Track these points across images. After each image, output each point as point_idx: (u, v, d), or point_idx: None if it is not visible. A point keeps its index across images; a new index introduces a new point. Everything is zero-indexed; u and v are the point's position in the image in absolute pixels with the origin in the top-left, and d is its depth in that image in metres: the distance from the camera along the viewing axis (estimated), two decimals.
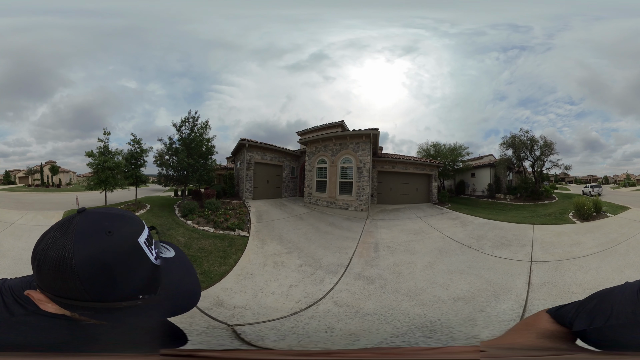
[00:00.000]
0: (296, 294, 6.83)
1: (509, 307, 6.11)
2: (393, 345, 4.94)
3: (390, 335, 5.25)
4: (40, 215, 12.30)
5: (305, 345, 5.03)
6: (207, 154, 15.95)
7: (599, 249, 8.90)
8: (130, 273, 0.93)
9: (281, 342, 5.06)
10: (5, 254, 8.28)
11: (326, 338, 5.21)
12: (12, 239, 9.41)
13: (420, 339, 5.15)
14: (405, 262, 8.59)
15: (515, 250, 9.34)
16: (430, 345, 4.89)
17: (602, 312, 1.12)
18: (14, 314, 1.02)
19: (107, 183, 12.92)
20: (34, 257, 0.93)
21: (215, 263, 8.26)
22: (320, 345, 5.03)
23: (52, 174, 24.35)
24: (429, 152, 22.02)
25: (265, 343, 5.02)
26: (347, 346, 4.96)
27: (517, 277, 7.47)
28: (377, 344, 5.02)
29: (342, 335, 5.26)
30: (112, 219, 0.97)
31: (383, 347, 4.56)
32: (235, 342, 5.04)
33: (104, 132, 13.45)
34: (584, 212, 12.62)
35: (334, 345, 5.02)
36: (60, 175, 24.59)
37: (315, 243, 10.28)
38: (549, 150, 18.83)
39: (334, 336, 5.25)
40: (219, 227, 11.29)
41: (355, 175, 15.26)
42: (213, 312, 5.95)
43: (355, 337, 5.21)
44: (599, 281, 6.93)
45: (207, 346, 4.79)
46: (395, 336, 5.20)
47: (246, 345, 4.95)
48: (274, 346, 4.96)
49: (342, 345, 4.98)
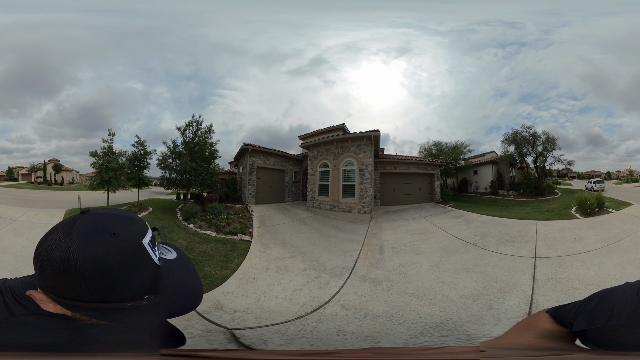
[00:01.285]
0: (301, 297, 6.80)
1: (516, 304, 6.10)
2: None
3: (408, 336, 5.21)
4: (42, 213, 12.40)
5: (318, 348, 5.00)
6: (210, 158, 16.00)
7: (601, 245, 8.90)
8: (134, 274, 0.93)
9: (289, 346, 5.02)
10: (7, 250, 8.34)
11: (339, 341, 5.18)
12: (14, 236, 9.48)
13: (440, 339, 5.12)
14: (411, 262, 8.57)
15: (519, 247, 9.33)
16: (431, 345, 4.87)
17: (603, 312, 1.12)
18: (14, 313, 1.02)
19: (109, 184, 13.01)
20: (37, 257, 0.92)
21: (216, 267, 8.23)
22: (330, 348, 5.00)
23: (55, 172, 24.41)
24: (431, 151, 21.99)
25: (269, 347, 4.98)
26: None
27: (522, 273, 7.47)
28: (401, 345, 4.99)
29: (356, 337, 5.22)
30: (116, 221, 0.97)
31: (383, 347, 4.53)
32: (231, 346, 5.00)
33: (109, 133, 13.62)
34: (587, 208, 12.65)
35: (350, 348, 4.99)
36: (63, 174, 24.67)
37: (319, 247, 10.26)
38: (552, 146, 18.85)
39: (347, 339, 5.21)
40: (221, 231, 11.28)
41: (358, 178, 15.24)
42: (212, 315, 5.90)
43: (373, 339, 5.17)
44: (600, 277, 6.93)
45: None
46: (415, 337, 5.16)
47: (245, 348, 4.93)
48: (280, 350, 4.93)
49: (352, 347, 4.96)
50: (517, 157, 20.45)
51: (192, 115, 16.29)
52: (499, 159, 21.10)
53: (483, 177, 22.36)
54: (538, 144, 19.13)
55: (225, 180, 21.02)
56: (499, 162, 21.28)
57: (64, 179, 24.53)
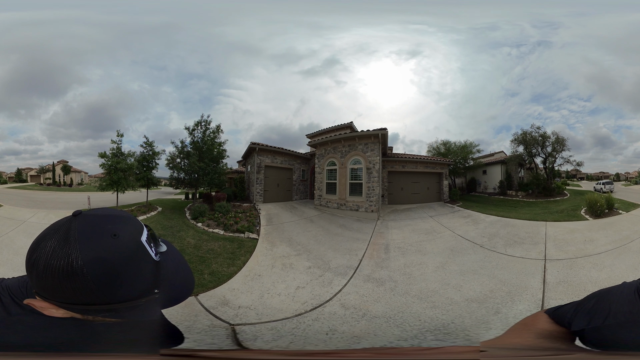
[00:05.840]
0: (303, 295, 6.81)
1: (526, 308, 5.99)
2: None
3: (397, 338, 5.18)
4: (52, 214, 12.51)
5: (300, 347, 5.02)
6: (218, 157, 16.08)
7: (612, 247, 8.79)
8: (139, 272, 0.96)
9: (272, 343, 5.05)
10: (18, 251, 8.43)
11: (324, 340, 5.17)
12: (25, 237, 9.58)
13: (433, 342, 5.08)
14: (417, 263, 8.51)
15: (528, 249, 9.22)
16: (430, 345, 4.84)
17: (600, 312, 1.14)
18: (11, 313, 1.02)
19: (118, 184, 13.07)
20: (32, 267, 0.91)
21: (223, 264, 8.30)
22: (318, 348, 5.00)
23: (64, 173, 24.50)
24: (439, 150, 21.88)
25: (257, 343, 5.02)
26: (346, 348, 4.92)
27: (532, 276, 7.36)
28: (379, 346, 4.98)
29: (343, 337, 5.21)
30: (113, 221, 0.97)
31: (383, 347, 4.53)
32: (228, 342, 5.05)
33: (117, 134, 13.70)
34: (596, 209, 12.50)
35: (331, 348, 4.99)
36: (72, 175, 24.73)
37: (325, 245, 10.25)
38: (561, 147, 18.70)
39: (334, 338, 5.21)
40: (229, 229, 11.33)
41: (365, 176, 15.19)
42: (217, 311, 6.01)
43: (357, 339, 5.15)
44: (613, 279, 6.78)
45: (201, 344, 4.82)
46: (404, 339, 5.13)
47: (237, 345, 4.96)
48: (268, 347, 4.96)
49: (340, 348, 4.94)
50: (526, 158, 20.30)
51: (200, 115, 16.42)
52: (508, 159, 20.94)
53: (492, 177, 22.22)
54: (547, 145, 18.98)
55: (233, 179, 21.07)
56: (508, 162, 21.11)
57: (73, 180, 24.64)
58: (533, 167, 20.75)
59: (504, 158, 21.46)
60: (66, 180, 24.39)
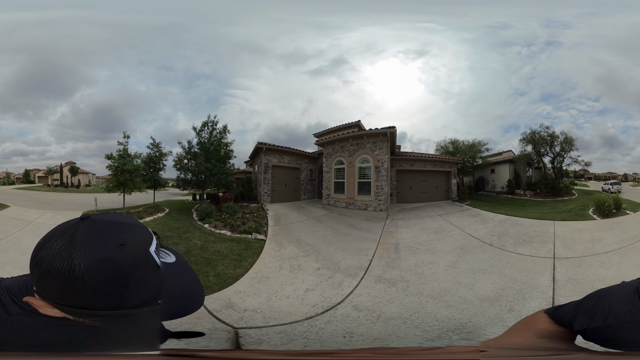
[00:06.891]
0: (312, 298, 6.78)
1: (538, 305, 5.99)
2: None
3: (423, 339, 5.14)
4: (59, 215, 12.60)
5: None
6: (225, 158, 16.12)
7: (620, 246, 8.83)
8: (142, 283, 0.94)
9: (282, 347, 4.99)
10: (24, 251, 8.44)
11: (344, 343, 5.13)
12: (31, 237, 9.65)
13: (461, 342, 5.05)
14: (427, 262, 8.50)
15: (537, 247, 9.22)
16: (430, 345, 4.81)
17: (600, 312, 1.14)
18: (11, 313, 1.02)
19: (125, 186, 13.10)
20: (35, 265, 0.91)
21: (229, 266, 8.29)
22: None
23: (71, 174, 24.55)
24: (447, 149, 21.81)
25: (262, 347, 4.97)
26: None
27: (541, 274, 7.41)
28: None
29: (363, 340, 5.16)
30: (121, 229, 0.95)
31: (383, 347, 4.49)
32: (225, 345, 4.98)
33: (124, 136, 13.73)
34: (604, 209, 12.50)
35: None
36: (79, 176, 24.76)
37: (334, 245, 10.23)
38: (569, 146, 18.61)
39: (353, 341, 5.16)
40: (236, 230, 11.34)
41: (374, 175, 15.12)
42: (221, 314, 5.94)
43: (382, 341, 5.10)
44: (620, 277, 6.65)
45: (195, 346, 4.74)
46: (430, 340, 5.09)
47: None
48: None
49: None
50: (534, 157, 20.23)
51: (207, 116, 16.45)
52: (517, 158, 20.87)
53: (500, 176, 22.13)
54: (556, 144, 18.90)
55: (240, 179, 21.09)
56: (516, 162, 21.04)
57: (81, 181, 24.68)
58: (541, 166, 20.66)
59: (512, 157, 21.38)
60: (74, 181, 24.45)
